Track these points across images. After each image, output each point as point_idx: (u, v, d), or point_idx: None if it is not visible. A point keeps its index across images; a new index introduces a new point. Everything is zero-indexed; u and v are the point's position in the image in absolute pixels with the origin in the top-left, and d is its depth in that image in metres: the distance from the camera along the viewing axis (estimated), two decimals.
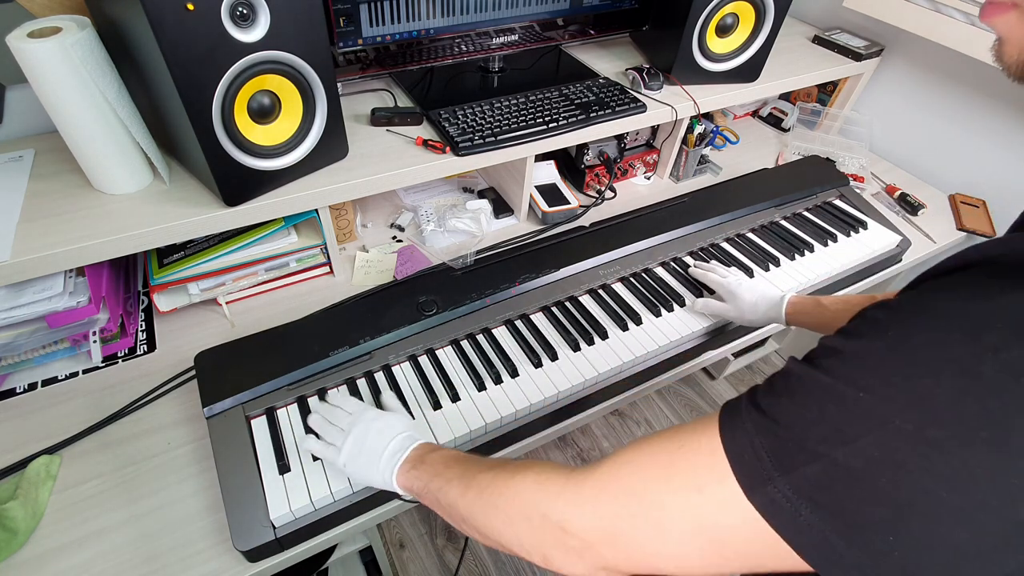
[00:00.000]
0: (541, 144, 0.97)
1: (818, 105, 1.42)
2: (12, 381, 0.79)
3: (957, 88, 1.21)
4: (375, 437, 0.59)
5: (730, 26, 1.06)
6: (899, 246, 1.08)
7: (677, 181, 1.24)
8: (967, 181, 1.26)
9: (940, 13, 1.08)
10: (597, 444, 1.70)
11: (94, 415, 0.75)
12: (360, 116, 0.98)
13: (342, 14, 0.87)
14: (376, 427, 0.60)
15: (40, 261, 0.70)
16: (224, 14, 0.64)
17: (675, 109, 1.06)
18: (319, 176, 0.84)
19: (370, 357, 0.78)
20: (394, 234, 1.06)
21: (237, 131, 0.73)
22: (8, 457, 0.70)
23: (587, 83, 1.07)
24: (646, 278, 0.95)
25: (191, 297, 0.87)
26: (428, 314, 0.83)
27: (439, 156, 0.91)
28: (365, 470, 0.58)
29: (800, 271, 0.99)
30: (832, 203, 1.15)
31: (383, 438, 0.59)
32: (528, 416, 0.77)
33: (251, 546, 0.61)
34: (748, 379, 1.86)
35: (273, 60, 0.71)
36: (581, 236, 1.00)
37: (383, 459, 0.57)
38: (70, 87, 0.67)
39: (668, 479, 0.36)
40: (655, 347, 0.85)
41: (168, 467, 0.71)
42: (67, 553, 0.63)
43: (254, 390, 0.72)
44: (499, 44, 1.10)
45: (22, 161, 0.82)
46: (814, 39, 1.34)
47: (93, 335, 0.80)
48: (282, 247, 0.90)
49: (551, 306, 0.89)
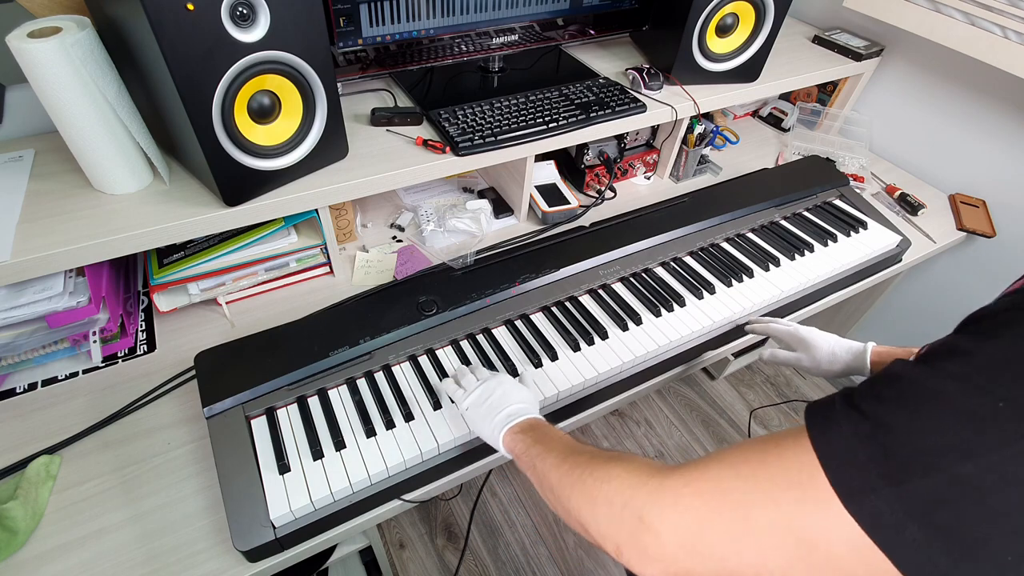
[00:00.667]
0: (541, 144, 0.97)
1: (818, 105, 1.42)
2: (12, 381, 0.79)
3: (957, 88, 1.21)
4: (500, 396, 0.64)
5: (730, 26, 1.06)
6: (899, 246, 1.08)
7: (677, 181, 1.24)
8: (967, 181, 1.26)
9: (940, 13, 1.08)
10: (597, 444, 1.70)
11: (94, 415, 0.75)
12: (360, 116, 0.98)
13: (342, 14, 0.87)
14: (504, 389, 0.65)
15: (40, 261, 0.70)
16: (224, 14, 0.64)
17: (675, 109, 1.06)
18: (319, 176, 0.84)
19: (370, 357, 0.78)
20: (394, 234, 1.06)
21: (237, 131, 0.73)
22: (8, 457, 0.70)
23: (587, 83, 1.07)
24: (646, 278, 0.95)
25: (191, 297, 0.87)
26: (428, 314, 0.83)
27: (439, 156, 0.91)
28: (481, 420, 0.63)
29: (800, 271, 0.99)
30: (832, 203, 1.15)
31: (506, 400, 0.63)
32: None
33: (251, 546, 0.61)
34: (748, 379, 1.86)
35: (273, 60, 0.71)
36: (581, 236, 1.00)
37: (499, 417, 0.61)
38: (70, 87, 0.67)
39: (755, 478, 0.34)
40: (655, 347, 0.85)
41: (168, 467, 0.71)
42: (67, 553, 0.63)
43: (254, 390, 0.73)
44: (499, 44, 1.10)
45: (22, 161, 0.82)
46: (814, 39, 1.34)
47: (93, 335, 0.80)
48: (282, 247, 0.90)
49: (551, 306, 0.89)
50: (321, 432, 0.71)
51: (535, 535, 1.48)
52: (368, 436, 0.71)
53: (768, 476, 0.34)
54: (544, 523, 1.50)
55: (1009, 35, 1.00)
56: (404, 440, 0.71)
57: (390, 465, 0.68)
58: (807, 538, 0.32)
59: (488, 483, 1.57)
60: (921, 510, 0.28)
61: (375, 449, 0.69)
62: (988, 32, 1.02)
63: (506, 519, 1.51)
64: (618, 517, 0.40)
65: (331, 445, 0.69)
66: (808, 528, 0.32)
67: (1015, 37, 0.99)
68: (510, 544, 1.46)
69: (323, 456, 0.68)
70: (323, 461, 0.68)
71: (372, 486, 0.68)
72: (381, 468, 0.68)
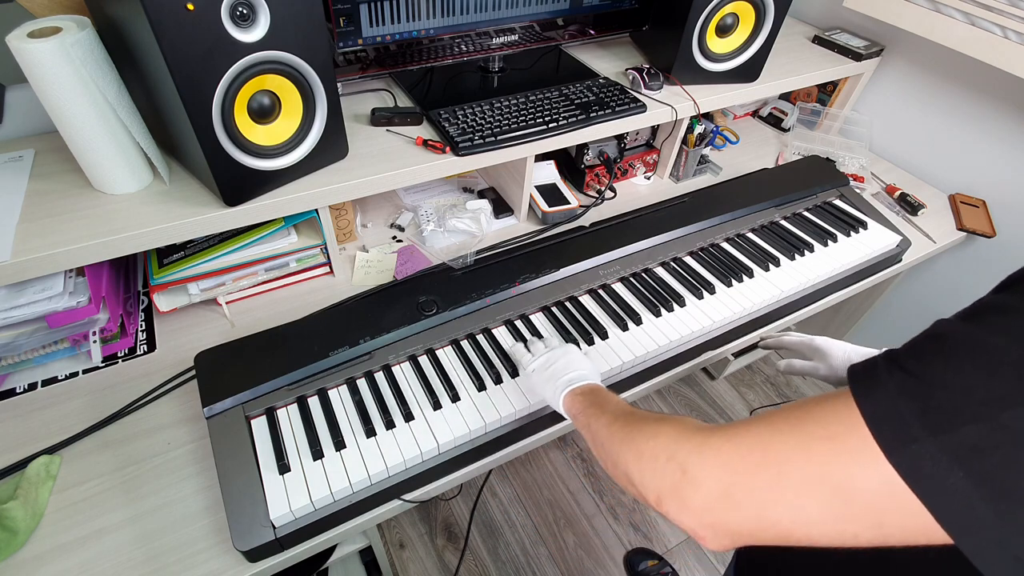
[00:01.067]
0: (541, 144, 0.97)
1: (818, 105, 1.42)
2: (12, 381, 0.79)
3: (957, 88, 1.21)
4: (564, 364, 0.69)
5: (730, 26, 1.06)
6: (899, 246, 1.08)
7: (677, 181, 1.24)
8: (967, 181, 1.26)
9: (940, 13, 1.08)
10: None
11: (94, 415, 0.75)
12: (360, 116, 0.98)
13: (342, 14, 0.87)
14: (569, 358, 0.70)
15: (40, 261, 0.70)
16: (224, 14, 0.64)
17: (675, 109, 1.06)
18: (319, 176, 0.84)
19: (370, 357, 0.78)
20: (394, 234, 1.06)
21: (237, 131, 0.73)
22: (8, 457, 0.70)
23: (587, 83, 1.07)
24: (646, 278, 0.95)
25: (191, 297, 0.87)
26: (428, 314, 0.83)
27: (439, 156, 0.91)
28: (543, 384, 0.69)
29: (800, 271, 0.99)
30: (832, 203, 1.15)
31: (570, 367, 0.68)
32: (529, 416, 0.77)
33: (251, 546, 0.61)
34: (748, 379, 1.86)
35: (273, 60, 0.71)
36: (581, 236, 1.00)
37: (561, 381, 0.66)
38: (70, 87, 0.67)
39: (794, 432, 0.35)
40: (655, 347, 0.85)
41: (168, 467, 0.71)
42: (67, 553, 0.63)
43: (254, 390, 0.73)
44: (499, 44, 1.10)
45: (22, 161, 0.82)
46: (814, 39, 1.34)
47: (93, 335, 0.80)
48: (282, 247, 0.90)
49: (551, 306, 0.89)
50: (321, 432, 0.71)
51: (535, 535, 1.48)
52: (368, 436, 0.71)
53: (807, 430, 0.35)
54: (544, 523, 1.50)
55: (1009, 35, 1.00)
56: (404, 440, 0.71)
57: (390, 465, 0.68)
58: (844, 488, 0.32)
59: (488, 483, 1.57)
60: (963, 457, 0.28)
61: (375, 449, 0.69)
62: (988, 32, 1.02)
63: (506, 519, 1.51)
64: (662, 469, 0.41)
65: (331, 445, 0.69)
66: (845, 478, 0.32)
67: (1015, 37, 0.99)
68: (510, 544, 1.46)
69: (323, 456, 0.68)
70: (323, 461, 0.68)
71: (372, 486, 0.68)
72: (381, 468, 0.68)
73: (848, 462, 0.32)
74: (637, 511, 1.55)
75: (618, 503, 1.56)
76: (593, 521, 1.52)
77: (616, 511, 1.55)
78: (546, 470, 1.63)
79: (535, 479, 1.60)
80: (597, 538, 1.49)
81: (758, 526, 0.36)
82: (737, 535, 0.37)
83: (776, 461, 0.35)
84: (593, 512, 1.54)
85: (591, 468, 1.64)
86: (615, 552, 1.47)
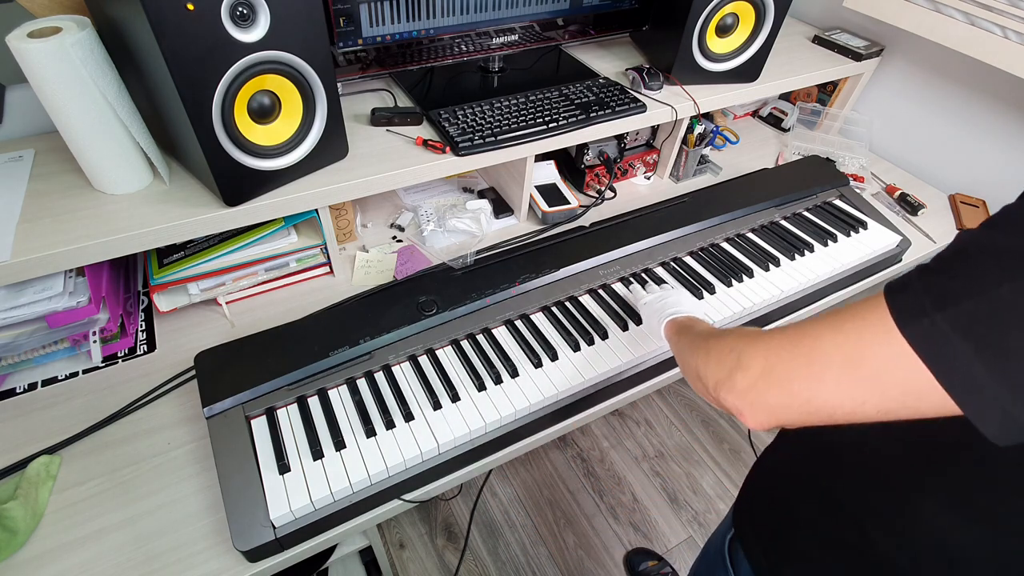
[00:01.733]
0: (541, 144, 0.97)
1: (818, 105, 1.42)
2: (12, 381, 0.79)
3: (957, 88, 1.21)
4: (672, 300, 0.82)
5: (730, 26, 1.06)
6: (899, 246, 1.08)
7: (677, 181, 1.24)
8: (967, 181, 1.26)
9: (940, 13, 1.08)
10: (597, 444, 1.70)
11: (94, 415, 0.75)
12: (360, 116, 0.98)
13: (342, 14, 0.87)
14: (677, 297, 0.84)
15: (40, 261, 0.70)
16: (224, 14, 0.64)
17: (675, 109, 1.06)
18: (319, 176, 0.84)
19: (370, 357, 0.78)
20: (394, 234, 1.06)
21: (237, 131, 0.73)
22: (8, 457, 0.70)
23: (587, 83, 1.07)
24: (646, 278, 0.95)
25: (191, 297, 0.87)
26: (428, 314, 0.83)
27: (439, 156, 0.91)
28: (652, 315, 0.81)
29: (800, 271, 0.99)
30: (832, 203, 1.15)
31: (672, 302, 0.81)
32: (528, 416, 0.77)
33: (251, 546, 0.61)
34: None
35: (273, 60, 0.71)
36: (581, 236, 1.00)
37: (665, 312, 0.78)
38: (70, 87, 0.67)
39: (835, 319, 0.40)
40: (655, 347, 0.85)
41: (168, 467, 0.71)
42: (67, 553, 0.63)
43: (254, 390, 0.73)
44: (499, 44, 1.10)
45: (22, 161, 0.82)
46: (814, 39, 1.34)
47: (93, 335, 0.80)
48: (282, 247, 0.90)
49: (551, 306, 0.89)
50: (321, 432, 0.71)
51: (535, 535, 1.48)
52: (368, 436, 0.71)
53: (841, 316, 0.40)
54: (544, 523, 1.50)
55: (1009, 35, 1.00)
56: (404, 440, 0.71)
57: (390, 465, 0.68)
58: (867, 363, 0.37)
59: (488, 483, 1.57)
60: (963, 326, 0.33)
61: (375, 449, 0.69)
62: (988, 32, 1.02)
63: (506, 519, 1.51)
64: (723, 360, 0.48)
65: (331, 445, 0.69)
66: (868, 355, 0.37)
67: (1015, 37, 0.99)
68: (510, 544, 1.46)
69: (323, 456, 0.68)
70: (323, 461, 0.68)
71: (372, 486, 0.68)
72: (381, 468, 0.68)
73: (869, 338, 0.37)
74: (637, 511, 1.55)
75: (618, 503, 1.56)
76: (593, 521, 1.52)
77: (616, 511, 1.55)
78: (546, 470, 1.63)
79: (535, 479, 1.60)
80: (597, 538, 1.49)
81: (790, 401, 0.41)
82: (772, 410, 0.43)
83: (811, 341, 0.41)
84: (593, 512, 1.54)
85: (591, 468, 1.64)
86: (615, 552, 1.47)
